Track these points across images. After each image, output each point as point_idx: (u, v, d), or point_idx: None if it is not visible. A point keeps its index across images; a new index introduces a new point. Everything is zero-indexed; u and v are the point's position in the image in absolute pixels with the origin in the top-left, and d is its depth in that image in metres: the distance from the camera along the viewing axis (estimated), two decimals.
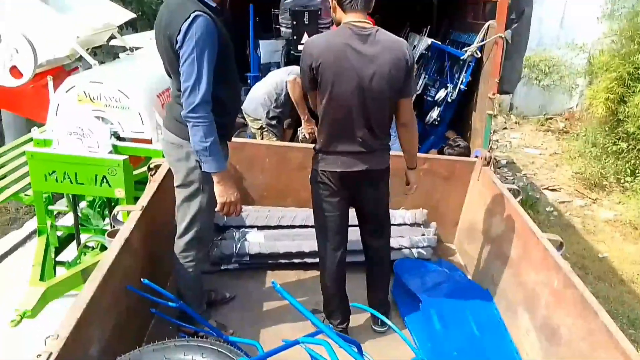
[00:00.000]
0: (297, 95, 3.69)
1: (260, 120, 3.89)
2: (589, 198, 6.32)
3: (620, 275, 4.78)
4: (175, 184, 2.29)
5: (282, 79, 3.87)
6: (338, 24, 2.20)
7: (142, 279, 1.89)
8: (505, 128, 8.89)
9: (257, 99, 3.90)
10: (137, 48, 4.70)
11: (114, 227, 2.32)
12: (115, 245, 2.04)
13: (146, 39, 4.99)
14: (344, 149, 2.23)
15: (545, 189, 6.57)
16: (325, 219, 2.38)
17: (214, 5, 2.10)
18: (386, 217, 2.52)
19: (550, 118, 9.17)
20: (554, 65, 8.62)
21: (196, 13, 1.96)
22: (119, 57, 4.65)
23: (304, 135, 3.96)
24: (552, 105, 9.28)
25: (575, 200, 6.29)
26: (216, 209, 2.20)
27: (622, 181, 6.32)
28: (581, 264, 4.84)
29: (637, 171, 6.08)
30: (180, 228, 2.31)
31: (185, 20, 1.96)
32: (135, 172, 3.51)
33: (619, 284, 4.65)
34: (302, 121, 3.86)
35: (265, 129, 3.89)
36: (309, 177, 2.42)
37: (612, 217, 5.86)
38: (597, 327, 1.87)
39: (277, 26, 4.53)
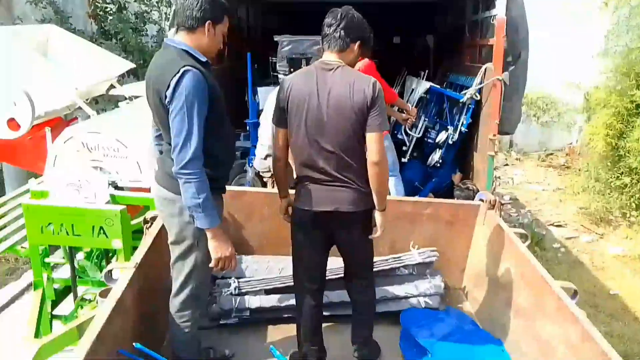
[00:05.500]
0: None
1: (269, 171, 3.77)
2: (596, 233, 6.24)
3: (633, 313, 4.65)
4: (169, 240, 2.22)
5: None
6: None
7: (134, 343, 1.80)
8: (507, 165, 8.89)
9: (261, 155, 3.75)
10: (136, 97, 4.72)
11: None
12: (106, 307, 1.95)
13: None
14: (313, 180, 2.24)
15: (550, 225, 6.50)
16: (299, 255, 2.42)
17: (203, 59, 2.09)
18: (366, 266, 2.48)
19: (551, 154, 9.20)
20: (551, 102, 8.71)
21: (185, 68, 1.96)
22: (118, 106, 4.67)
23: None
24: (551, 142, 9.34)
25: (581, 235, 6.21)
26: (211, 265, 2.15)
27: (628, 215, 6.25)
28: (592, 302, 4.72)
29: None
30: (175, 286, 2.23)
31: (175, 75, 1.95)
32: (134, 222, 3.45)
33: (633, 321, 4.52)
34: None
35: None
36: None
37: (620, 252, 5.77)
38: None
39: (275, 73, 4.57)
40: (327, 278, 2.53)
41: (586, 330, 2.01)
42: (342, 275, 2.59)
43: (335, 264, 2.58)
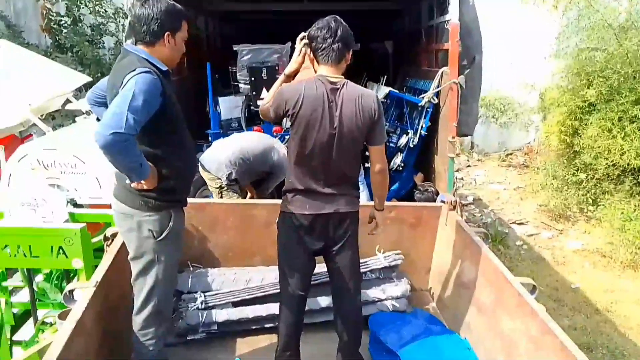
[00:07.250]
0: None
1: (220, 179, 3.80)
2: (556, 229, 6.42)
3: (594, 305, 4.79)
4: (129, 256, 2.19)
5: (250, 147, 3.87)
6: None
7: None
8: (469, 166, 9.08)
9: (221, 159, 3.80)
10: None
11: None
12: (66, 329, 1.89)
13: None
14: (312, 190, 2.29)
15: (512, 223, 6.66)
16: (289, 260, 2.40)
17: (164, 69, 2.08)
18: (356, 269, 2.48)
19: (511, 154, 9.44)
20: (508, 103, 8.96)
21: (142, 69, 1.93)
22: (75, 121, 4.56)
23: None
24: (510, 142, 9.59)
25: (542, 232, 6.37)
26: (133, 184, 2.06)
27: (585, 211, 6.45)
28: (555, 296, 4.85)
29: (598, 200, 6.22)
30: (137, 303, 2.19)
31: (129, 73, 1.92)
32: (94, 240, 3.37)
33: (595, 313, 4.66)
34: None
35: (225, 189, 3.80)
36: (277, 220, 2.43)
37: (580, 247, 5.95)
38: None
39: (236, 83, 4.57)
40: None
41: (545, 324, 2.07)
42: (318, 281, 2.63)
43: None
